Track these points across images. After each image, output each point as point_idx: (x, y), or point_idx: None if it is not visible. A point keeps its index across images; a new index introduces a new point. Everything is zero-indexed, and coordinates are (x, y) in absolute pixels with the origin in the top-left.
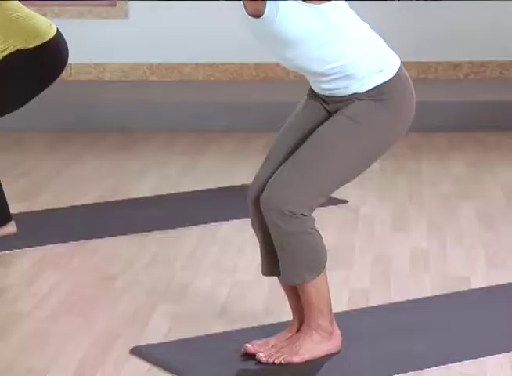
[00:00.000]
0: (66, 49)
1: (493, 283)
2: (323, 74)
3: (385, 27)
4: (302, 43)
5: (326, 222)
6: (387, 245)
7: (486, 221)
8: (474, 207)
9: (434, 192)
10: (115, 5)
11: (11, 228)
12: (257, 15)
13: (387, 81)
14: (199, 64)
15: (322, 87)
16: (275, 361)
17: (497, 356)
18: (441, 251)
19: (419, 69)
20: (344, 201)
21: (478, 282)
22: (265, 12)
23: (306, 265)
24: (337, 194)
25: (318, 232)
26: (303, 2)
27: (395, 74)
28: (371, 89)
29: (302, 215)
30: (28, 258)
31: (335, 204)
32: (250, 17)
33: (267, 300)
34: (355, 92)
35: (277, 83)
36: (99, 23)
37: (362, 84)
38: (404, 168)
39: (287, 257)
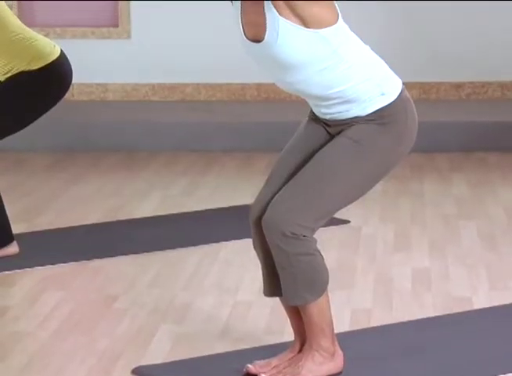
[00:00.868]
0: (70, 71)
1: (495, 304)
2: (324, 99)
3: (387, 48)
4: (303, 68)
5: (328, 242)
6: (389, 265)
7: (488, 241)
8: (476, 228)
9: (435, 212)
10: (117, 26)
11: (13, 248)
12: (257, 40)
13: (389, 104)
14: (200, 84)
15: (323, 111)
16: None
17: None
18: (443, 271)
19: (420, 89)
20: (346, 221)
21: (480, 302)
22: (265, 37)
23: (308, 286)
24: (339, 214)
25: (320, 253)
26: (303, 27)
27: (397, 97)
28: (373, 113)
29: (304, 236)
30: (30, 278)
31: (337, 224)
32: (249, 42)
33: (269, 320)
34: (356, 115)
35: (279, 103)
36: (101, 43)
37: (364, 107)
38: (406, 188)
39: (289, 278)
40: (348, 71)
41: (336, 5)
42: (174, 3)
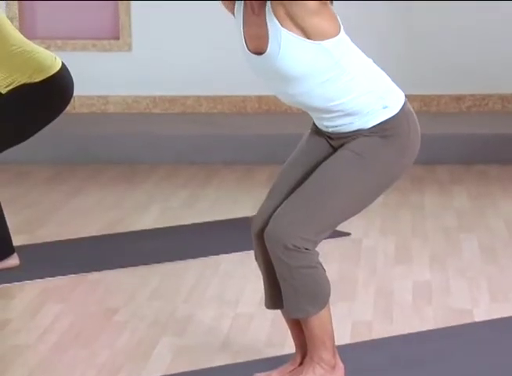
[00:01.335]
0: (72, 83)
1: (496, 316)
2: (327, 111)
3: (387, 61)
4: (305, 79)
5: (329, 255)
6: (389, 278)
7: (489, 254)
8: (477, 240)
9: (436, 224)
10: (118, 39)
11: (14, 260)
12: (259, 52)
13: (392, 117)
14: (201, 96)
15: (326, 124)
16: None
17: None
18: (443, 283)
19: (421, 101)
20: (347, 234)
21: (481, 315)
22: (267, 49)
23: (310, 298)
24: (340, 227)
25: (321, 266)
26: (305, 39)
27: (400, 110)
28: (375, 125)
29: (306, 249)
30: (31, 290)
31: (338, 236)
32: (251, 54)
33: (269, 333)
34: (359, 128)
35: (280, 115)
36: (102, 55)
37: (367, 120)
38: (406, 200)
39: (291, 290)
40: (350, 83)
41: (337, 17)
42: (175, 16)
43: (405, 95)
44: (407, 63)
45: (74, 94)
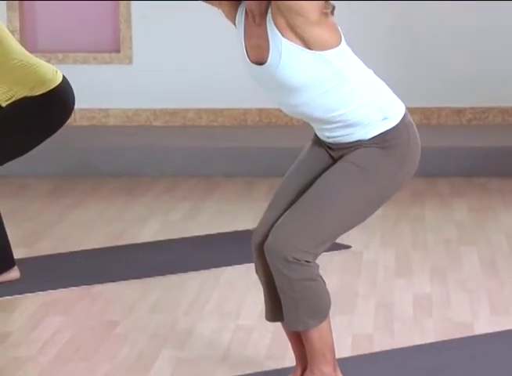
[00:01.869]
0: (73, 96)
1: (496, 329)
2: (327, 122)
3: (388, 73)
4: (306, 90)
5: (330, 267)
6: (390, 290)
7: (489, 267)
8: (477, 253)
9: (437, 237)
10: (119, 51)
11: (14, 273)
12: (260, 62)
13: (392, 128)
14: (202, 109)
15: (326, 134)
16: None
17: None
18: (444, 296)
19: (422, 114)
20: (348, 246)
21: (481, 328)
22: (268, 59)
23: (310, 311)
24: (340, 239)
25: (322, 278)
26: (306, 49)
27: (400, 121)
28: (375, 136)
29: (306, 261)
30: (31, 303)
31: (338, 249)
32: (252, 64)
33: (270, 345)
34: (359, 139)
35: (280, 128)
36: (102, 68)
37: (367, 131)
38: (407, 213)
39: (291, 303)
40: (351, 94)
41: (339, 27)
42: (175, 29)
43: (406, 108)
44: (408, 75)
45: (75, 106)
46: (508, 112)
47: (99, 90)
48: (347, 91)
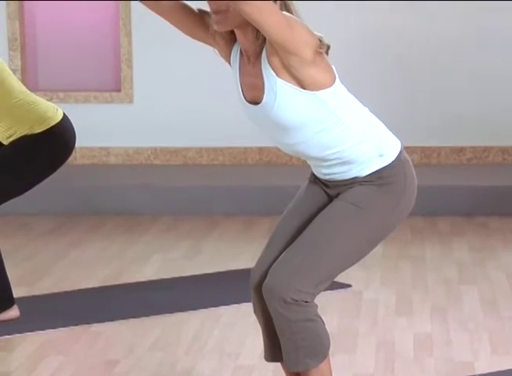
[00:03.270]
0: (74, 134)
1: (497, 369)
2: (323, 160)
3: (387, 112)
4: (301, 129)
5: (330, 306)
6: (390, 330)
7: (490, 306)
8: (478, 293)
9: (437, 276)
10: (120, 91)
11: (14, 312)
12: (255, 101)
13: (388, 165)
14: (203, 148)
15: (323, 172)
16: None
17: None
18: (444, 335)
19: (422, 153)
20: (348, 285)
21: (482, 367)
22: (264, 99)
23: (309, 351)
24: (340, 278)
25: (321, 318)
26: (301, 89)
27: (396, 158)
28: (371, 174)
29: (304, 302)
30: (31, 342)
31: (338, 288)
32: (248, 104)
33: None
34: (355, 176)
35: (281, 167)
36: (103, 107)
37: (363, 168)
38: (407, 252)
39: (290, 344)
40: (346, 132)
41: (333, 67)
42: (175, 68)
43: (405, 147)
44: (407, 114)
45: (76, 145)
46: (508, 151)
47: (100, 129)
48: (342, 129)
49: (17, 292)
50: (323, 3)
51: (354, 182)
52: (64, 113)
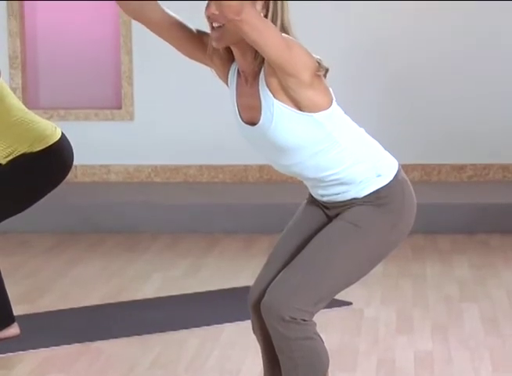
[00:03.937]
0: (71, 153)
1: None
2: (320, 181)
3: (387, 131)
4: (297, 151)
5: (330, 324)
6: (391, 348)
7: (491, 324)
8: (479, 310)
9: (438, 294)
10: (120, 108)
11: (14, 330)
12: (252, 122)
13: (386, 185)
14: (203, 166)
15: (320, 192)
16: None
17: None
18: (445, 354)
19: (422, 171)
20: (348, 303)
21: None
22: (260, 120)
23: (308, 370)
24: (340, 296)
25: (319, 336)
26: (298, 111)
27: (393, 178)
28: (369, 194)
29: (303, 320)
30: (31, 360)
31: (339, 305)
32: (244, 124)
33: None
34: (353, 197)
35: (281, 185)
36: (104, 125)
37: (361, 189)
38: (408, 270)
39: (289, 362)
40: (342, 154)
41: (330, 89)
42: (176, 86)
43: (406, 165)
44: (408, 132)
45: (76, 163)
46: (509, 169)
47: (100, 146)
48: (338, 151)
49: (17, 310)
50: (321, 17)
51: (352, 203)
52: (62, 132)
